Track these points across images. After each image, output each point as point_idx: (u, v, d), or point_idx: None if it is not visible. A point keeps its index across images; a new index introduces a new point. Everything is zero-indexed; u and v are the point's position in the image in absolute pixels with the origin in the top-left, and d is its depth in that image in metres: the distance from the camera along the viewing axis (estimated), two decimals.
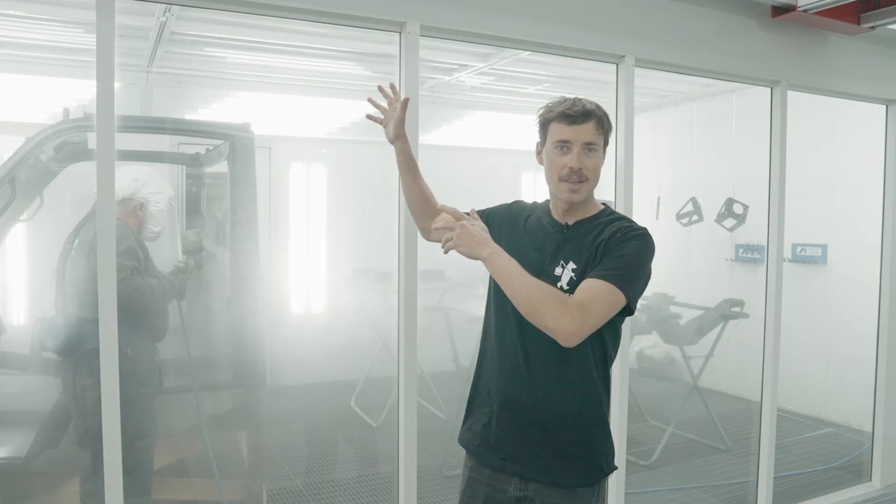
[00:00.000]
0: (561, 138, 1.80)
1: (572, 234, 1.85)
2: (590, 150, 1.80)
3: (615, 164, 3.08)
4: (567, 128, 1.79)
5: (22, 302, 4.31)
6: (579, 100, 1.82)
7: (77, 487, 2.92)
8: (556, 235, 1.87)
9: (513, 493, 1.86)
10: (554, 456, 1.82)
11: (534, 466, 1.83)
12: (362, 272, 5.53)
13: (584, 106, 1.80)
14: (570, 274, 1.79)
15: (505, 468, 1.87)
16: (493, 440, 1.89)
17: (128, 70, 4.71)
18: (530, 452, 1.83)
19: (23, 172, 3.06)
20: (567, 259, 1.81)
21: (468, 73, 5.01)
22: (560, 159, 1.81)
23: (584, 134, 1.78)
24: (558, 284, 1.79)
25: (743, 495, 3.89)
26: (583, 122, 1.78)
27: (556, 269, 1.82)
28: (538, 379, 1.82)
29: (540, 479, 1.83)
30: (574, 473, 1.83)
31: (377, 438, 4.85)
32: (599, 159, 1.83)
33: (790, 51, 3.48)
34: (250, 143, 3.27)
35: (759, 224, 4.95)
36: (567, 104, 1.81)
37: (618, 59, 3.04)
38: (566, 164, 1.79)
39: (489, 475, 1.91)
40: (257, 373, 3.28)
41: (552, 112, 1.83)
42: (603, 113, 1.83)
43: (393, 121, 2.15)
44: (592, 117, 1.79)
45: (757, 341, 3.65)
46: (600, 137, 1.81)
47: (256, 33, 4.12)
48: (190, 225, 4.32)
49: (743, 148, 5.57)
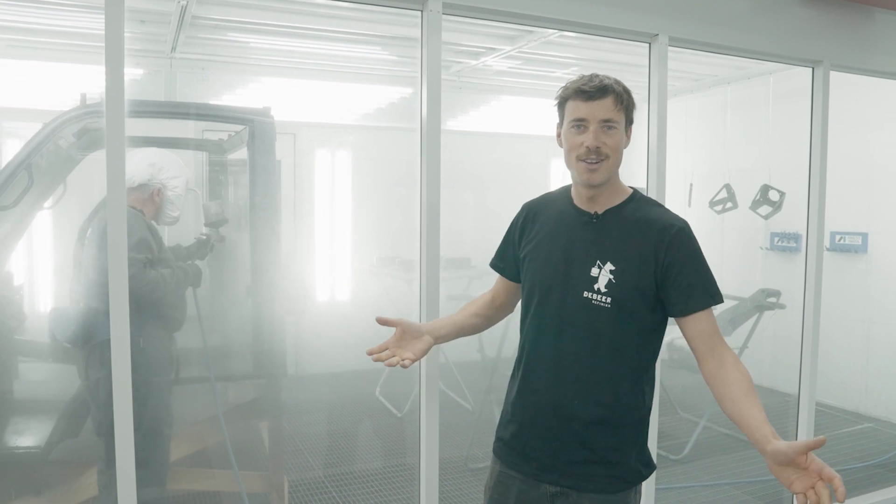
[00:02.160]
0: (577, 116, 1.68)
1: (604, 227, 1.75)
2: (608, 127, 1.67)
3: (647, 149, 2.97)
4: (583, 104, 1.67)
5: (46, 289, 4.32)
6: (596, 75, 1.70)
7: (95, 478, 2.90)
8: (585, 228, 1.77)
9: (548, 489, 1.78)
10: (591, 463, 1.75)
11: (570, 476, 1.76)
12: (387, 260, 5.48)
13: (602, 81, 1.67)
14: (607, 276, 1.70)
15: (540, 477, 1.79)
16: (526, 450, 1.82)
17: (151, 56, 4.69)
18: (566, 463, 1.76)
19: (43, 159, 3.04)
20: (604, 259, 1.71)
21: (495, 56, 4.90)
22: (577, 138, 1.69)
23: (602, 110, 1.66)
24: (595, 286, 1.71)
25: (777, 493, 3.77)
26: (600, 98, 1.66)
27: (592, 269, 1.72)
28: (573, 388, 1.74)
29: (576, 487, 1.75)
30: (612, 479, 1.75)
31: (402, 429, 4.80)
32: (620, 137, 1.70)
33: (833, 28, 3.31)
34: (270, 128, 3.21)
35: (795, 211, 4.82)
36: (583, 80, 1.69)
37: (650, 39, 2.91)
38: (583, 143, 1.68)
39: (522, 478, 1.83)
40: (278, 362, 3.24)
41: (568, 90, 1.71)
42: (623, 88, 1.70)
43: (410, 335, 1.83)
44: (610, 92, 1.67)
45: (794, 333, 3.52)
46: (620, 114, 1.69)
47: (278, 16, 4.07)
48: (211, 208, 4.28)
49: (780, 132, 5.41)
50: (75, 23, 3.99)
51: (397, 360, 1.70)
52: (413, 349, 1.76)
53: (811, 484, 1.39)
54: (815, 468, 1.40)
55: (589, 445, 1.74)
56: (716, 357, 1.66)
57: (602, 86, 1.67)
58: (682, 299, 1.68)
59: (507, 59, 4.97)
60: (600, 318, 1.70)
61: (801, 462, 1.41)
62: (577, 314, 1.72)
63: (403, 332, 1.77)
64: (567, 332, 1.73)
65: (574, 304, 1.72)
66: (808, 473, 1.41)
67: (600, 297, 1.70)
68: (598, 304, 1.70)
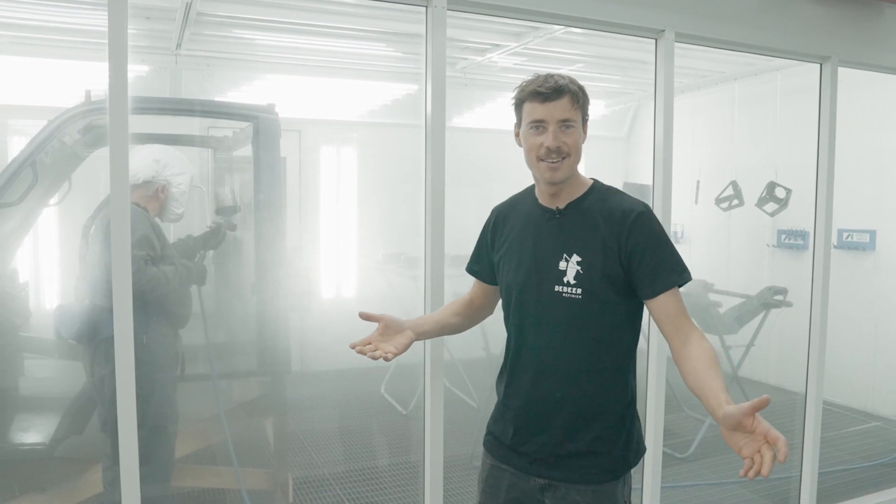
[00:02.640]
0: (535, 118, 1.72)
1: (567, 220, 1.79)
2: (567, 126, 1.71)
3: (654, 146, 2.95)
4: (540, 106, 1.70)
5: (52, 286, 4.33)
6: (551, 76, 1.73)
7: (100, 475, 2.90)
8: (549, 224, 1.81)
9: (538, 482, 1.83)
10: (579, 455, 1.78)
11: (559, 468, 1.80)
12: (392, 257, 5.47)
13: (557, 82, 1.70)
14: (575, 268, 1.74)
15: (530, 470, 1.84)
16: (515, 444, 1.86)
17: (156, 53, 4.69)
18: (554, 456, 1.80)
19: (48, 156, 3.04)
20: (570, 251, 1.75)
21: (500, 53, 4.88)
22: (536, 139, 1.73)
23: (559, 111, 1.70)
24: (564, 279, 1.74)
25: (785, 491, 3.75)
26: (556, 99, 1.69)
27: (560, 263, 1.76)
28: (555, 381, 1.78)
29: (565, 479, 1.79)
30: (599, 471, 1.79)
31: (407, 426, 4.80)
32: (578, 135, 1.74)
33: (841, 24, 3.29)
34: (275, 125, 3.20)
35: (802, 209, 4.79)
36: (538, 81, 1.72)
37: (656, 35, 2.89)
38: (542, 144, 1.71)
39: (513, 471, 1.88)
40: (283, 359, 3.23)
41: (525, 91, 1.74)
42: (577, 87, 1.74)
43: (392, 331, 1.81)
44: (566, 93, 1.70)
45: (801, 331, 3.49)
46: (577, 113, 1.73)
47: (283, 13, 4.06)
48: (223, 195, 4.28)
49: (786, 129, 5.38)
50: (80, 20, 3.99)
51: (380, 353, 1.71)
52: (395, 343, 1.77)
53: (758, 448, 1.39)
54: (761, 431, 1.39)
55: (575, 437, 1.77)
56: (682, 336, 1.69)
57: (558, 86, 1.70)
58: (649, 281, 1.72)
59: (513, 55, 4.95)
60: (574, 311, 1.74)
61: (747, 424, 1.40)
62: (551, 309, 1.76)
63: (386, 326, 1.78)
64: (545, 328, 1.77)
65: (548, 300, 1.76)
66: (755, 437, 1.40)
67: (570, 290, 1.74)
68: (570, 297, 1.74)
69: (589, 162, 7.37)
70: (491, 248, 1.94)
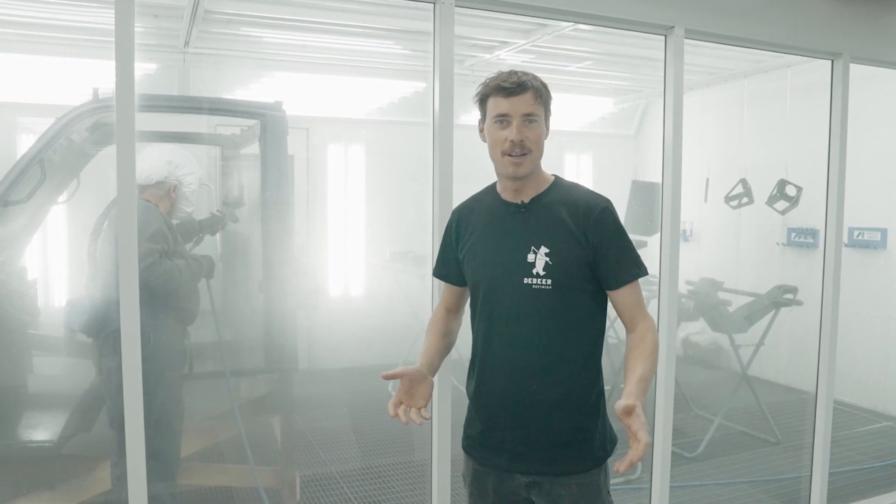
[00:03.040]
0: (499, 112, 1.76)
1: (532, 214, 1.82)
2: (530, 121, 1.75)
3: (663, 144, 2.93)
4: (504, 101, 1.75)
5: (60, 284, 4.34)
6: (514, 72, 1.77)
7: (108, 472, 2.90)
8: (515, 218, 1.84)
9: (521, 480, 1.85)
10: (557, 446, 1.81)
11: (539, 462, 1.82)
12: (400, 255, 5.47)
13: (520, 77, 1.75)
14: (544, 259, 1.77)
15: (511, 468, 1.85)
16: (494, 443, 1.87)
17: (164, 51, 4.70)
18: (534, 449, 1.82)
19: (56, 154, 3.04)
20: (538, 243, 1.79)
21: (509, 50, 4.86)
22: (500, 133, 1.76)
23: (523, 105, 1.74)
24: (533, 271, 1.77)
25: (795, 491, 3.72)
26: (520, 94, 1.74)
27: (528, 255, 1.79)
28: (530, 373, 1.80)
29: (547, 473, 1.82)
30: (579, 459, 1.82)
31: (415, 425, 4.78)
32: (541, 130, 1.78)
33: (853, 20, 3.25)
34: (282, 122, 3.20)
35: (813, 207, 4.76)
36: (502, 77, 1.77)
37: (666, 31, 2.87)
38: (507, 138, 1.75)
39: (496, 472, 1.89)
40: (290, 357, 3.23)
41: (488, 86, 1.78)
42: (540, 83, 1.78)
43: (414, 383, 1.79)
44: (529, 88, 1.74)
45: (811, 330, 3.47)
46: (540, 108, 1.77)
47: (291, 11, 4.06)
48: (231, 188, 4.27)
49: (797, 127, 5.34)
50: (88, 18, 3.99)
51: (420, 419, 1.75)
52: (424, 397, 1.79)
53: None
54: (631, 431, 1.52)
55: (553, 429, 1.80)
56: (633, 325, 1.80)
57: (521, 82, 1.74)
58: (613, 274, 1.79)
59: (521, 52, 4.93)
60: (544, 301, 1.77)
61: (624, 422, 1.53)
62: (522, 302, 1.79)
63: (410, 382, 1.78)
64: (516, 322, 1.80)
65: (518, 293, 1.79)
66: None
67: (540, 281, 1.77)
68: (540, 288, 1.77)
69: (597, 159, 7.37)
70: (455, 247, 1.95)
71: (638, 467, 3.98)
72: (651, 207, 5.01)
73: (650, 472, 3.03)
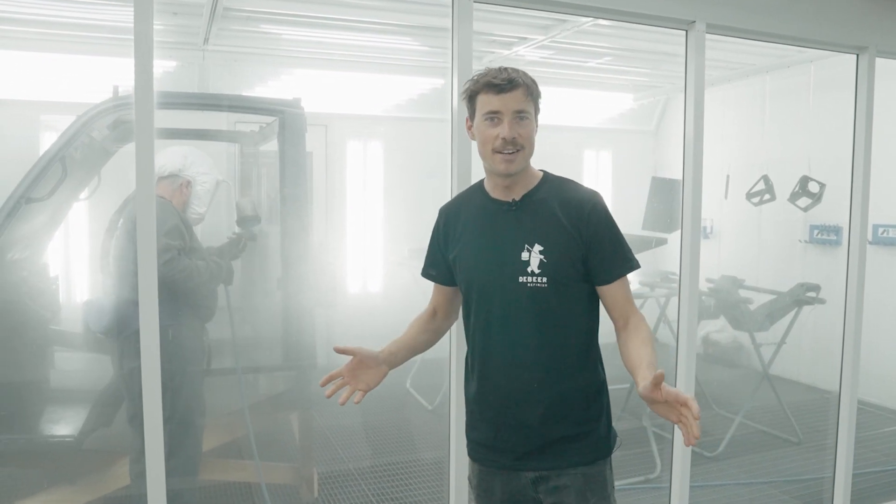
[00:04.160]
0: (490, 109, 1.73)
1: (524, 212, 1.80)
2: (521, 118, 1.73)
3: (683, 140, 2.90)
4: (495, 98, 1.72)
5: (81, 281, 4.38)
6: (504, 69, 1.75)
7: (127, 468, 2.92)
8: (506, 216, 1.81)
9: (529, 476, 1.84)
10: (562, 442, 1.81)
11: (546, 457, 1.81)
12: (418, 252, 5.43)
13: (510, 74, 1.73)
14: (538, 257, 1.75)
15: (518, 466, 1.84)
16: (499, 444, 1.86)
17: (184, 48, 4.71)
18: (538, 446, 1.81)
19: (77, 151, 3.07)
20: (531, 241, 1.76)
21: (527, 46, 4.83)
22: (491, 131, 1.73)
23: (514, 102, 1.72)
24: (528, 269, 1.75)
25: (817, 492, 3.68)
26: (511, 90, 1.71)
27: (522, 254, 1.76)
28: (530, 372, 1.79)
29: (554, 467, 1.81)
30: (584, 451, 1.82)
31: (433, 422, 4.79)
32: (532, 127, 1.77)
33: (879, 13, 3.19)
34: (300, 119, 3.20)
35: (836, 203, 4.69)
36: (492, 73, 1.74)
37: (687, 26, 2.83)
38: (498, 135, 1.72)
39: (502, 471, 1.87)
40: (308, 354, 3.24)
41: (478, 83, 1.75)
42: (531, 80, 1.77)
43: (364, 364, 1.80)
44: (520, 84, 1.72)
45: (834, 329, 3.42)
46: (530, 105, 1.75)
47: (309, 7, 4.06)
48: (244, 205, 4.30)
49: (820, 122, 5.26)
50: (108, 16, 4.02)
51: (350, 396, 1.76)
52: (368, 380, 1.79)
53: (679, 412, 1.52)
54: (671, 397, 1.51)
55: (557, 425, 1.79)
56: (624, 320, 1.79)
57: (511, 78, 1.72)
58: (605, 269, 1.78)
59: (540, 48, 4.90)
60: (541, 300, 1.75)
61: (657, 396, 1.52)
62: (517, 301, 1.77)
63: (360, 362, 1.78)
64: (512, 321, 1.78)
65: (513, 292, 1.76)
66: (670, 404, 1.52)
67: (536, 279, 1.75)
68: (535, 286, 1.75)
69: (617, 156, 7.32)
70: (445, 248, 1.92)
71: (657, 465, 3.96)
72: (671, 204, 4.97)
73: (670, 471, 3.00)
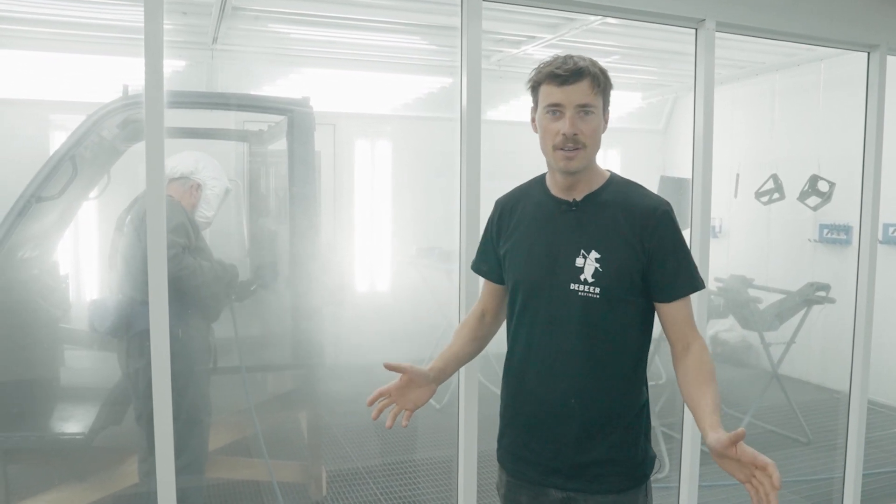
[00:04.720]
0: (551, 102, 1.59)
1: (584, 214, 1.67)
2: (585, 112, 1.59)
3: (693, 139, 2.89)
4: (557, 89, 1.58)
5: (91, 279, 4.40)
6: (570, 57, 1.61)
7: (136, 466, 2.94)
8: (565, 217, 1.68)
9: (556, 495, 1.72)
10: (596, 463, 1.68)
11: (575, 479, 1.69)
12: (426, 251, 5.46)
13: (576, 63, 1.58)
14: (593, 265, 1.63)
15: (546, 482, 1.72)
16: (528, 455, 1.74)
17: (193, 48, 4.73)
18: (570, 464, 1.69)
19: (87, 150, 3.08)
20: (588, 247, 1.64)
21: (536, 45, 4.83)
22: (553, 125, 1.60)
23: (578, 95, 1.57)
24: (581, 277, 1.63)
25: (827, 493, 3.66)
26: (575, 82, 1.57)
27: (577, 259, 1.64)
28: (569, 386, 1.67)
29: (583, 490, 1.69)
30: (617, 478, 1.69)
31: (441, 421, 4.78)
32: (598, 123, 1.62)
33: (890, 10, 3.17)
34: (309, 118, 3.21)
35: (845, 203, 4.66)
36: (556, 63, 1.60)
37: (697, 24, 2.82)
38: (559, 131, 1.59)
39: (529, 485, 1.77)
40: (316, 353, 3.25)
41: (542, 73, 1.62)
42: (599, 69, 1.61)
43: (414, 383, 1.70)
44: (585, 75, 1.58)
45: (844, 328, 3.40)
46: (597, 98, 1.60)
47: (318, 7, 4.07)
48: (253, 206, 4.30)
49: (830, 121, 5.24)
50: (118, 16, 4.04)
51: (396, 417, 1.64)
52: (416, 399, 1.67)
53: (749, 473, 1.39)
54: (748, 459, 1.38)
55: (591, 445, 1.67)
56: (684, 343, 1.66)
57: (577, 68, 1.58)
58: (668, 285, 1.65)
59: (549, 47, 4.89)
60: (590, 310, 1.63)
61: (731, 454, 1.40)
62: (566, 308, 1.65)
63: (410, 381, 1.66)
64: (558, 329, 1.66)
65: (562, 299, 1.65)
66: (743, 464, 1.40)
67: (588, 288, 1.63)
68: (586, 296, 1.63)
69: (625, 154, 7.30)
70: (497, 242, 1.81)
71: (666, 465, 3.95)
72: (680, 203, 4.94)
73: (678, 471, 2.99)
